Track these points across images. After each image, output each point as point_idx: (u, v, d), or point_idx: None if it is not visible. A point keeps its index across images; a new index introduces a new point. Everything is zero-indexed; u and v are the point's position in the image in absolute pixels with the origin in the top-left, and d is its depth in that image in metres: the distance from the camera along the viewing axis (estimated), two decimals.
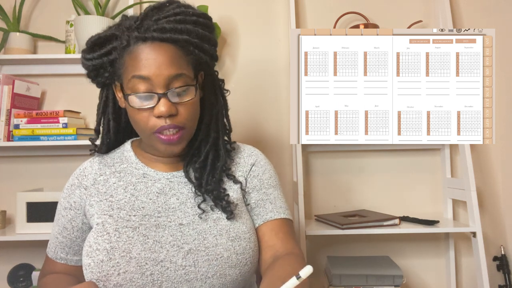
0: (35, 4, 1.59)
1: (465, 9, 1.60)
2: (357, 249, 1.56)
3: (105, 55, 0.75)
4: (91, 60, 0.76)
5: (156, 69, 0.71)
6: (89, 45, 0.76)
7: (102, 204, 0.79)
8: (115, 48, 0.74)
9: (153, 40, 0.72)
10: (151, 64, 0.71)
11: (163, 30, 0.72)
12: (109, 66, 0.76)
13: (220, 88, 0.87)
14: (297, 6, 1.57)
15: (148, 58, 0.72)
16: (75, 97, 1.56)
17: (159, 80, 0.72)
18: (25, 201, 1.33)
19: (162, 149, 0.77)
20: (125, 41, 0.73)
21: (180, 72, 0.73)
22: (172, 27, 0.72)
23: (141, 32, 0.72)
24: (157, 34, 0.72)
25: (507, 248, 1.56)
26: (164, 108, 0.72)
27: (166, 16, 0.73)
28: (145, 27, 0.72)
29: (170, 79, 0.72)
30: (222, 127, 0.85)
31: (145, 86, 0.72)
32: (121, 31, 0.74)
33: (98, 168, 0.84)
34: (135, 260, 0.71)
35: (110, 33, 0.75)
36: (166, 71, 0.72)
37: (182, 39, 0.73)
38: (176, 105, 0.74)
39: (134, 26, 0.73)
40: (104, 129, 0.85)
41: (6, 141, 1.37)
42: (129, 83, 0.73)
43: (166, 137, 0.74)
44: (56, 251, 0.85)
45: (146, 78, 0.72)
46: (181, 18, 0.74)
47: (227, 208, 0.78)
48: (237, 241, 0.76)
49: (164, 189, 0.81)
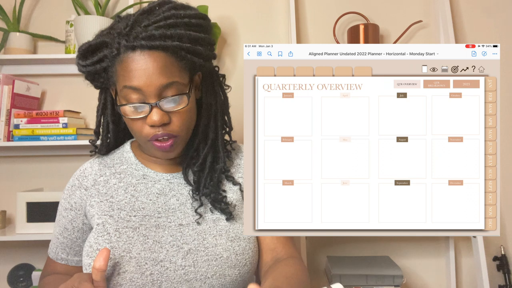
0: (35, 4, 1.59)
1: (465, 9, 1.60)
2: (357, 249, 1.56)
3: (97, 63, 0.73)
4: (84, 67, 0.75)
5: (147, 79, 0.69)
6: (80, 52, 0.74)
7: (103, 205, 0.79)
8: (106, 56, 0.72)
9: (143, 48, 0.69)
10: (142, 75, 0.69)
11: (152, 38, 0.69)
12: (103, 73, 0.75)
13: (220, 85, 0.86)
14: (297, 6, 1.57)
15: (138, 68, 0.69)
16: (75, 97, 1.56)
17: (150, 90, 0.70)
18: (25, 201, 1.33)
19: (159, 155, 0.78)
20: (115, 49, 0.70)
21: (171, 81, 0.71)
22: (162, 34, 0.69)
23: (130, 40, 0.69)
24: (145, 42, 0.69)
25: (507, 248, 1.56)
26: (157, 118, 0.71)
27: (156, 21, 0.70)
28: (134, 35, 0.69)
29: (161, 89, 0.71)
30: (221, 127, 0.84)
31: (137, 96, 0.71)
32: (112, 37, 0.71)
33: (98, 169, 0.84)
34: (135, 260, 0.71)
35: (100, 40, 0.72)
36: (157, 80, 0.70)
37: (172, 46, 0.70)
38: (169, 114, 0.73)
39: (124, 33, 0.70)
40: (103, 131, 0.85)
41: (6, 141, 1.37)
42: (122, 92, 0.72)
43: (159, 144, 0.74)
44: (57, 252, 0.86)
45: (137, 89, 0.70)
46: (172, 22, 0.71)
47: (226, 210, 0.78)
48: (236, 241, 0.76)
49: (164, 190, 0.81)
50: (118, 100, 0.75)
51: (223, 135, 0.85)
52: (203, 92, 0.82)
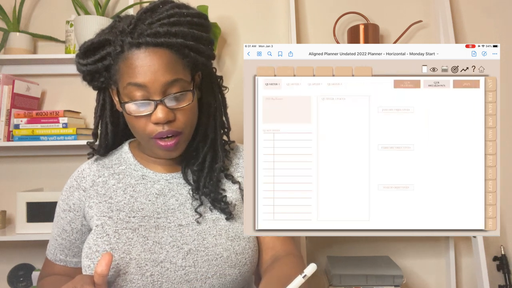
0: (35, 4, 1.59)
1: (465, 9, 1.60)
2: (357, 249, 1.56)
3: (99, 61, 0.73)
4: (85, 65, 0.74)
5: (152, 76, 0.70)
6: (82, 51, 0.74)
7: (102, 206, 0.78)
8: (109, 54, 0.72)
9: (147, 45, 0.70)
10: (147, 71, 0.70)
11: (157, 35, 0.69)
12: (104, 71, 0.75)
13: (218, 86, 0.86)
14: (297, 6, 1.57)
15: (143, 65, 0.70)
16: (75, 97, 1.56)
17: (156, 87, 0.70)
18: (25, 201, 1.33)
19: (161, 155, 0.77)
20: (119, 47, 0.71)
21: (176, 78, 0.72)
22: (166, 31, 0.70)
23: (134, 37, 0.70)
24: (151, 39, 0.69)
25: (507, 248, 1.56)
26: (162, 115, 0.71)
27: (160, 18, 0.71)
28: (138, 32, 0.70)
29: (166, 85, 0.71)
30: (220, 127, 0.84)
31: (141, 93, 0.71)
32: (115, 35, 0.71)
33: (96, 169, 0.83)
34: (135, 261, 0.71)
35: (103, 38, 0.72)
36: (162, 77, 0.70)
37: (177, 43, 0.71)
38: (174, 111, 0.73)
39: (128, 31, 0.70)
40: (102, 132, 0.85)
41: (6, 141, 1.37)
42: (125, 90, 0.72)
43: (164, 143, 0.74)
44: (55, 253, 0.85)
45: (142, 86, 0.70)
46: (175, 20, 0.71)
47: (226, 209, 0.78)
48: (236, 241, 0.76)
49: (163, 190, 0.80)
50: (121, 98, 0.75)
51: (222, 135, 0.86)
52: (203, 92, 0.82)
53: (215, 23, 1.46)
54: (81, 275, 0.67)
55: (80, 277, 0.65)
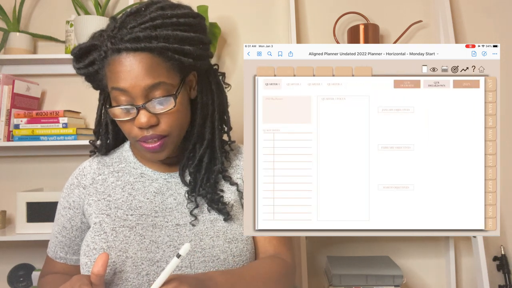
0: (35, 4, 1.59)
1: (465, 9, 1.60)
2: (357, 249, 1.56)
3: (89, 66, 0.74)
4: (78, 69, 0.75)
5: (132, 81, 0.69)
6: (73, 56, 0.75)
7: (100, 204, 0.79)
8: (96, 59, 0.72)
9: (127, 51, 0.69)
10: (127, 76, 0.69)
11: (137, 40, 0.68)
12: (95, 75, 0.75)
13: (218, 84, 0.84)
14: (297, 6, 1.57)
15: (124, 70, 0.69)
16: (75, 97, 1.56)
17: (136, 92, 0.70)
18: (25, 201, 1.33)
19: (148, 156, 0.77)
20: (103, 52, 0.70)
21: (158, 81, 0.70)
22: (147, 35, 0.68)
23: (115, 43, 0.69)
24: (130, 45, 0.68)
25: (507, 248, 1.56)
26: (144, 120, 0.70)
27: (142, 22, 0.70)
28: (119, 37, 0.69)
29: (147, 90, 0.70)
30: (218, 128, 0.83)
31: (125, 97, 0.71)
32: (102, 39, 0.71)
33: (97, 167, 0.84)
34: (131, 259, 0.71)
35: (90, 44, 0.72)
36: (143, 82, 0.69)
37: (158, 47, 0.69)
38: (157, 115, 0.72)
39: (111, 36, 0.70)
40: (103, 131, 0.85)
41: (6, 141, 1.37)
42: (112, 94, 0.73)
43: (148, 145, 0.74)
44: (56, 251, 0.86)
45: (124, 90, 0.70)
46: (159, 22, 0.70)
47: (223, 210, 0.77)
48: (234, 243, 0.76)
49: (162, 189, 0.80)
50: (110, 102, 0.75)
51: (221, 135, 0.84)
52: (198, 92, 0.81)
53: (215, 23, 1.46)
54: (78, 275, 0.67)
55: (77, 277, 0.65)
